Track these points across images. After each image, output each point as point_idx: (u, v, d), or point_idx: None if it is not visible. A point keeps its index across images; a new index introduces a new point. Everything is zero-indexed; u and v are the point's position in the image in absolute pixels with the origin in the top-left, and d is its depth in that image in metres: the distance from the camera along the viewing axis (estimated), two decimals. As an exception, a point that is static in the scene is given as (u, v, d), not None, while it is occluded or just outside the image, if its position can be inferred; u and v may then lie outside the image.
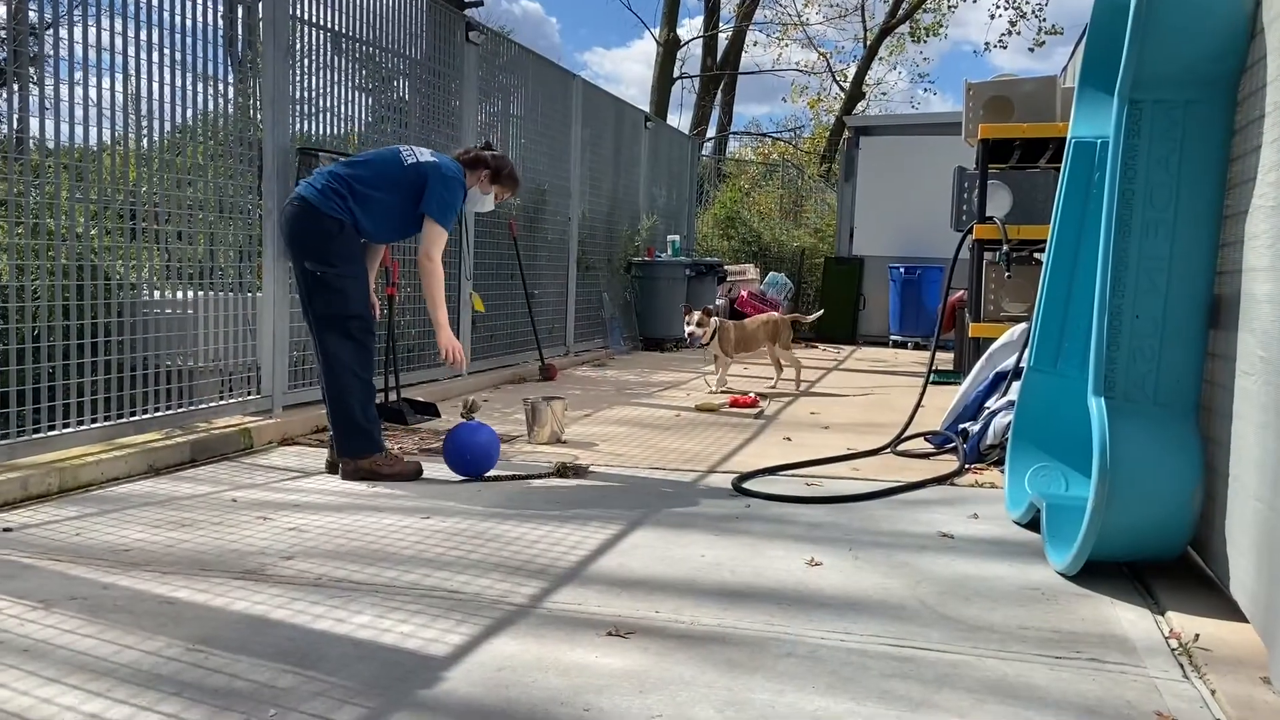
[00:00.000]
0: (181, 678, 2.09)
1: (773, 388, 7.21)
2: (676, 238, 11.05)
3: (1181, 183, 2.82)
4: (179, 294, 4.62)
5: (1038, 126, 6.09)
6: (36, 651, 2.22)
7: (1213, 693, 2.11)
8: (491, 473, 4.14)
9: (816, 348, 11.70)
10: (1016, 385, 4.23)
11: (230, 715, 1.92)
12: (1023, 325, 4.95)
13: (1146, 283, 2.83)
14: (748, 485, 4.03)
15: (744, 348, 7.06)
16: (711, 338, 6.79)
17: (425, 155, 4.17)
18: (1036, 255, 6.90)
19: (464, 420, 4.22)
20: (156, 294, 4.54)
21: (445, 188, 4.11)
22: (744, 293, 11.92)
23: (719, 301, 11.39)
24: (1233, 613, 2.51)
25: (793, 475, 4.30)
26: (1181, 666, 2.26)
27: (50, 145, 3.97)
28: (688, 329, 6.80)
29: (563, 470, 4.20)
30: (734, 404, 6.31)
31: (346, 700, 2.00)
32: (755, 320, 7.24)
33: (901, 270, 11.75)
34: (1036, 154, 6.62)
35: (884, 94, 27.22)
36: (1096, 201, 3.49)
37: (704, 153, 18.50)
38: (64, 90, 4.00)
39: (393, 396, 5.49)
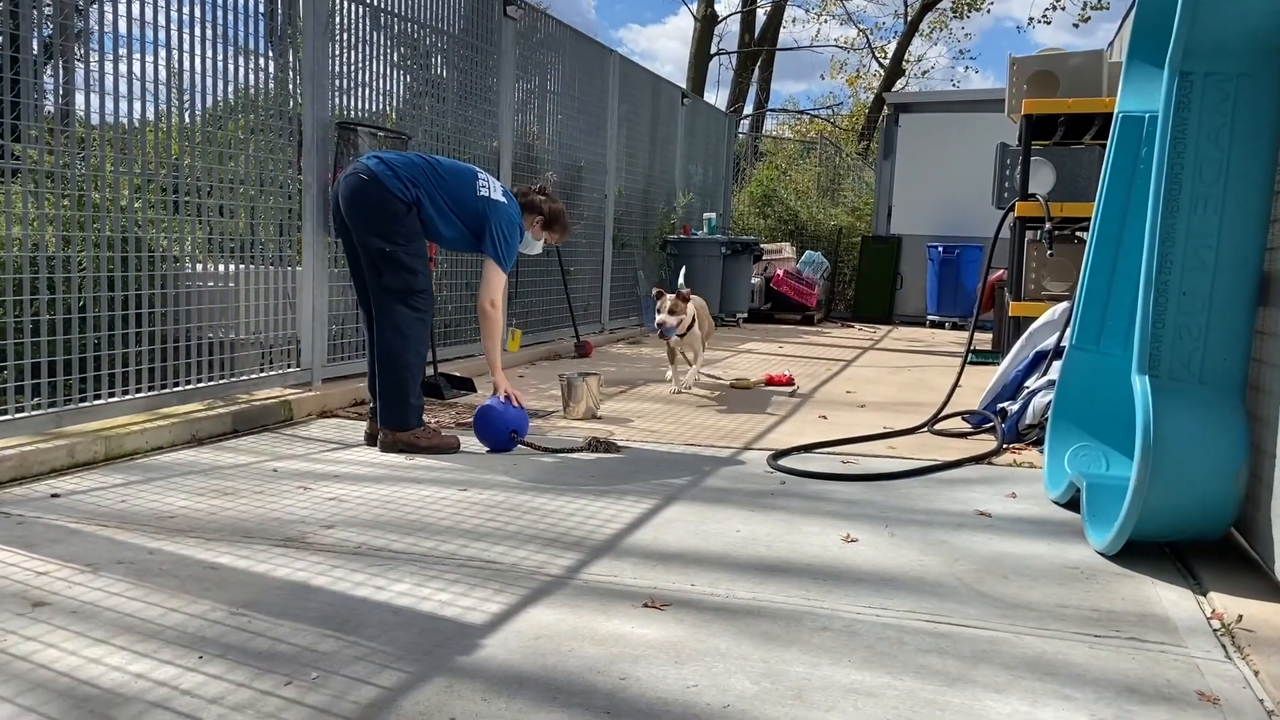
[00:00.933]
0: (226, 640, 2.14)
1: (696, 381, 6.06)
2: (713, 215, 11.01)
3: (1231, 157, 2.76)
4: (220, 267, 4.68)
5: (1083, 101, 5.97)
6: (84, 613, 2.28)
7: (1255, 673, 2.08)
8: (526, 442, 4.18)
9: (853, 327, 11.63)
10: (1057, 364, 4.18)
11: (274, 677, 1.96)
12: (1064, 304, 4.88)
13: (1194, 259, 2.77)
14: (783, 462, 4.02)
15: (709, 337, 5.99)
16: (690, 328, 5.68)
17: (497, 192, 4.22)
18: (1079, 234, 6.80)
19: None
20: (198, 267, 4.60)
21: (507, 231, 4.20)
22: (780, 271, 11.86)
23: (754, 280, 11.34)
24: (1277, 594, 2.48)
25: (828, 453, 4.28)
26: (1224, 647, 2.23)
27: (95, 120, 4.03)
28: (658, 318, 5.56)
29: (594, 445, 4.22)
30: (770, 382, 6.29)
31: (387, 665, 2.03)
32: (700, 306, 5.97)
33: (940, 249, 11.62)
34: (1081, 130, 6.50)
35: (924, 71, 26.87)
36: (1143, 177, 3.43)
37: (741, 130, 18.37)
38: (108, 66, 4.05)
39: (429, 371, 5.54)
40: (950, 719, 1.85)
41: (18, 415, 3.63)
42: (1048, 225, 5.51)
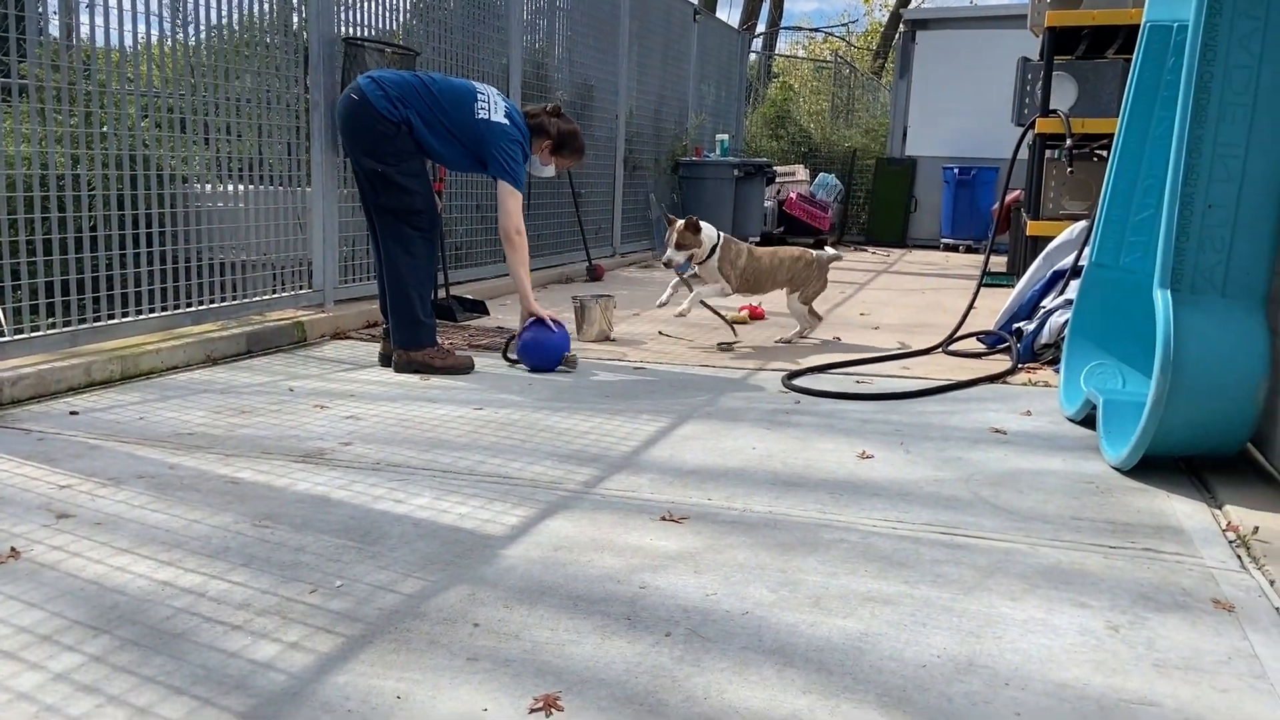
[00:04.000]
0: (249, 550, 2.16)
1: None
2: (725, 137, 10.84)
3: (1263, 64, 2.68)
4: (229, 187, 4.64)
5: (1108, 13, 5.81)
6: (108, 524, 2.30)
7: (1271, 583, 2.09)
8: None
9: (865, 250, 11.53)
10: (1075, 284, 4.14)
11: (298, 585, 1.99)
12: (1082, 223, 4.82)
13: (1221, 170, 2.72)
14: (797, 382, 4.01)
15: (754, 287, 4.91)
16: (708, 261, 4.74)
17: (498, 112, 4.10)
18: (1099, 152, 6.68)
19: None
20: (207, 187, 4.56)
21: (508, 151, 4.09)
22: (793, 194, 11.72)
23: (767, 204, 11.22)
24: (1294, 507, 2.48)
25: (842, 373, 4.28)
26: (1239, 558, 2.24)
27: (100, 38, 3.95)
28: (666, 253, 4.74)
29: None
30: (752, 314, 5.96)
31: (409, 574, 2.06)
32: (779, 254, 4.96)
33: (956, 171, 11.46)
34: (1105, 43, 6.34)
35: (941, -12, 26.14)
36: (1169, 88, 3.35)
37: (754, 50, 17.99)
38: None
39: (441, 294, 5.52)
40: (966, 625, 1.87)
41: (34, 334, 3.64)
42: (1069, 142, 5.41)
